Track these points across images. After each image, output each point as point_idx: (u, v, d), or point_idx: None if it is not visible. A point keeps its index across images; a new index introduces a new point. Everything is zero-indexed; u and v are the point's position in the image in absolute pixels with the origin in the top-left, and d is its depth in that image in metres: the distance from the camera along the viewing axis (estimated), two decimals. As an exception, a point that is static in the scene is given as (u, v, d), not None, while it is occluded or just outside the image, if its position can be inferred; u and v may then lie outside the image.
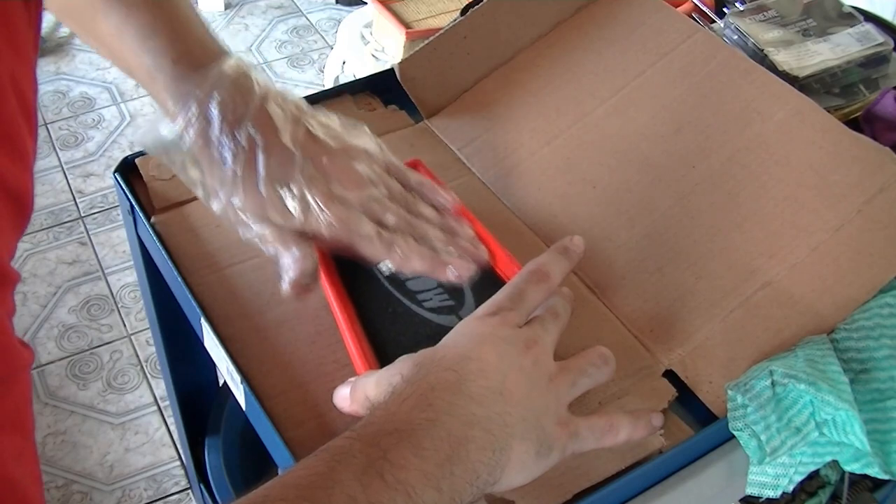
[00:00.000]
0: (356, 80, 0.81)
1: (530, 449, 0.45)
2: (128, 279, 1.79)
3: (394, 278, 0.62)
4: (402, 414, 0.43)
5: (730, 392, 0.56)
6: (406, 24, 1.37)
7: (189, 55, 0.56)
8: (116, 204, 1.92)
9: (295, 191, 0.55)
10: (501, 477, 0.44)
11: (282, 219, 0.55)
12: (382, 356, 0.56)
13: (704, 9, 0.89)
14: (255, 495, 0.38)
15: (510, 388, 0.46)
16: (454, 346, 0.48)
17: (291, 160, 0.55)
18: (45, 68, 2.25)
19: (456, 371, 0.45)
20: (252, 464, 1.00)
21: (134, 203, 0.67)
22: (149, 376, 1.64)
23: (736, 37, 0.82)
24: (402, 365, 0.48)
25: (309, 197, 0.55)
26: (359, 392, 0.50)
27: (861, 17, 0.83)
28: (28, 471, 0.33)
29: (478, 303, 0.60)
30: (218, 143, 0.54)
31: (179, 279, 0.62)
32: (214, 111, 0.54)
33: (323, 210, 0.55)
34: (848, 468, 0.56)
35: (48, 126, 2.12)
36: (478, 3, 0.78)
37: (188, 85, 0.55)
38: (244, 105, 0.55)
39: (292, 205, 0.55)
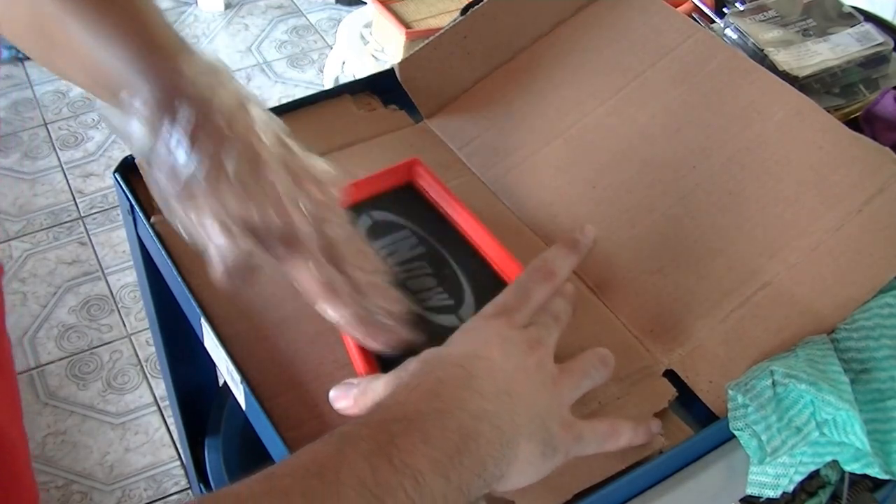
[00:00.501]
0: (356, 80, 0.81)
1: (536, 449, 0.45)
2: (128, 279, 1.79)
3: (394, 278, 0.62)
4: (410, 404, 0.42)
5: (730, 392, 0.56)
6: (406, 24, 1.37)
7: (161, 50, 0.52)
8: (116, 204, 1.92)
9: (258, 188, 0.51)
10: (508, 473, 0.44)
11: (237, 205, 0.51)
12: (382, 356, 0.56)
13: (704, 9, 0.89)
14: (261, 475, 0.38)
15: (517, 388, 0.46)
16: (460, 345, 0.48)
17: (261, 162, 0.52)
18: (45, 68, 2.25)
19: (464, 367, 0.45)
20: (252, 464, 1.00)
21: (134, 203, 0.68)
22: (149, 376, 1.64)
23: (736, 37, 0.82)
24: (408, 363, 0.47)
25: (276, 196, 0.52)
26: (368, 396, 0.49)
27: (861, 17, 0.83)
28: (6, 409, 0.31)
29: (478, 302, 0.61)
30: (181, 140, 0.51)
31: (179, 279, 0.62)
32: (185, 108, 0.51)
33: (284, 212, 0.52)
34: (848, 468, 0.56)
35: (48, 126, 2.12)
36: (478, 3, 0.78)
37: (158, 81, 0.51)
38: (219, 103, 0.52)
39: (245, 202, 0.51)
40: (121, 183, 0.69)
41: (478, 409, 0.43)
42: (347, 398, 0.51)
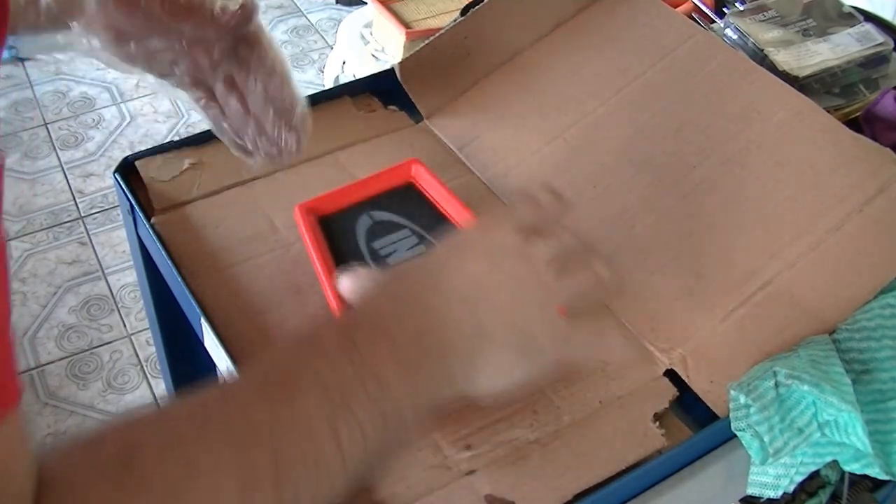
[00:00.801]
0: (356, 81, 0.81)
1: (511, 354, 0.44)
2: (128, 279, 1.79)
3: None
4: (374, 308, 0.42)
5: (733, 392, 0.56)
6: (406, 24, 1.37)
7: None
8: (116, 204, 1.92)
9: None
10: (478, 376, 0.43)
11: None
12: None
13: (704, 9, 0.89)
14: (223, 382, 0.38)
15: (489, 294, 0.44)
16: (439, 252, 0.47)
17: None
18: (45, 68, 2.25)
19: (433, 273, 0.45)
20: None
21: (134, 203, 0.68)
22: (149, 376, 1.64)
23: (736, 37, 0.82)
24: (389, 270, 0.47)
25: None
26: (361, 282, 0.50)
27: (861, 17, 0.83)
28: None
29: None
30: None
31: (179, 279, 0.62)
32: None
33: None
34: (848, 468, 0.56)
35: (48, 126, 2.12)
36: (478, 3, 0.78)
37: None
38: None
39: None
40: (121, 183, 0.69)
41: (440, 312, 0.42)
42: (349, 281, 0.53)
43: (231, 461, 0.33)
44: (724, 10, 0.87)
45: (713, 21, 0.87)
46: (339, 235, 0.64)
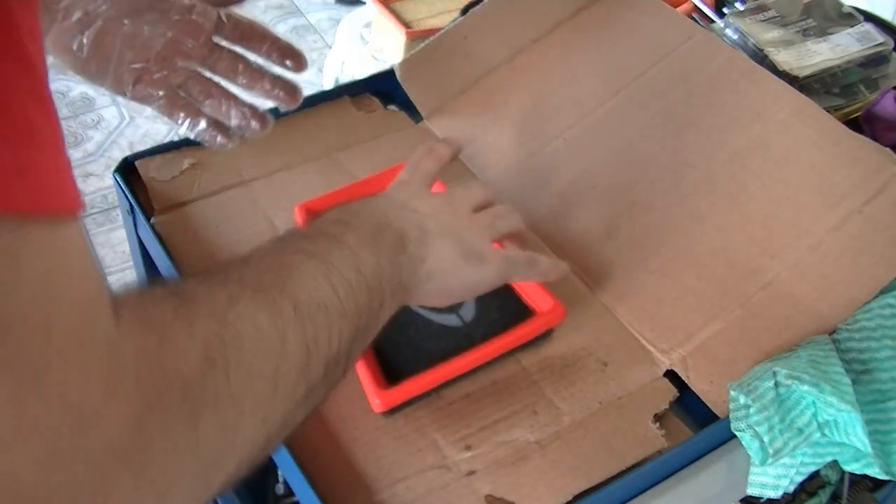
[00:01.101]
0: (355, 81, 0.81)
1: (453, 250, 0.50)
2: (128, 279, 1.79)
3: None
4: (329, 216, 0.48)
5: (732, 392, 0.56)
6: (406, 24, 1.37)
7: None
8: (116, 204, 1.92)
9: None
10: (428, 264, 0.49)
11: None
12: (382, 356, 0.56)
13: (704, 9, 0.89)
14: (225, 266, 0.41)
15: (419, 207, 0.51)
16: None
17: None
18: (45, 68, 2.25)
19: (372, 200, 0.52)
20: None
21: (134, 203, 0.68)
22: (148, 376, 1.64)
23: (736, 37, 0.82)
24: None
25: None
26: None
27: (861, 17, 0.83)
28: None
29: (478, 301, 0.61)
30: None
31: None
32: None
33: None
34: (848, 468, 0.56)
35: (48, 126, 2.12)
36: (478, 3, 0.78)
37: None
38: None
39: None
40: (121, 183, 0.69)
41: (384, 209, 0.50)
42: None
43: (258, 299, 0.37)
44: (724, 10, 0.87)
45: (713, 21, 0.87)
46: (339, 235, 0.64)
